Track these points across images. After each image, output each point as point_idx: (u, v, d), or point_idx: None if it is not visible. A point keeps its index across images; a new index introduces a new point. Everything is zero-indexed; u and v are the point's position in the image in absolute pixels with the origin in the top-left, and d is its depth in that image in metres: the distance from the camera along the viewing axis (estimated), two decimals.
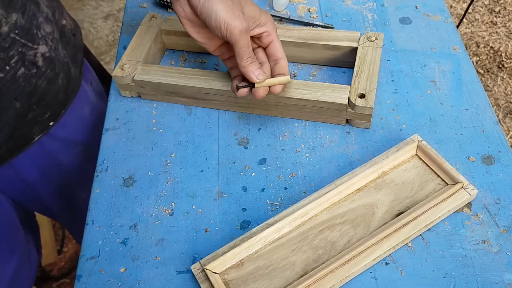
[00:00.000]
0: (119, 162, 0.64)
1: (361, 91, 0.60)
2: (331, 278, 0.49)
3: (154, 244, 0.56)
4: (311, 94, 0.61)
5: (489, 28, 1.91)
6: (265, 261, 0.53)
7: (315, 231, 0.54)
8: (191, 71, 0.66)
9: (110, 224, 0.58)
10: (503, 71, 1.78)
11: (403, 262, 0.52)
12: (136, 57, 0.69)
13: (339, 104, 0.60)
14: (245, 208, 0.58)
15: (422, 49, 0.71)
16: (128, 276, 0.54)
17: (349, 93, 0.60)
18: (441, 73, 0.68)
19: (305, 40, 0.68)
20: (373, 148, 0.61)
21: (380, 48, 0.65)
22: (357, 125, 0.63)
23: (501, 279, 0.49)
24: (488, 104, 0.64)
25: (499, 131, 0.61)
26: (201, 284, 0.51)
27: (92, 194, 0.61)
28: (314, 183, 0.59)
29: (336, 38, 0.67)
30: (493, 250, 0.51)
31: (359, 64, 0.64)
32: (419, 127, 0.62)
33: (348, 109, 0.61)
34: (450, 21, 0.75)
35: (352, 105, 0.60)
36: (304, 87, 0.62)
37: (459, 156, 0.59)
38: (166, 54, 0.76)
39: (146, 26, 0.73)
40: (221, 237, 0.56)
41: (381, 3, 0.79)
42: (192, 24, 0.58)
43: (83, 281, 0.54)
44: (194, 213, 0.58)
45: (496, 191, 0.56)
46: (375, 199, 0.56)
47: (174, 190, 0.60)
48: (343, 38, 0.67)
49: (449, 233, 0.53)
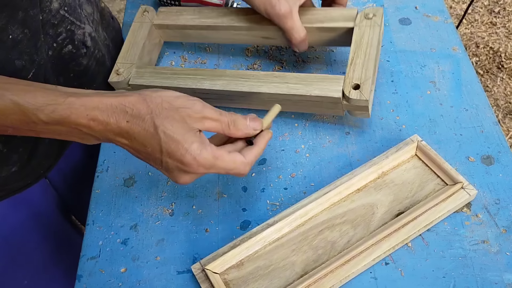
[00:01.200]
0: (119, 162, 0.64)
1: (355, 81, 0.56)
2: (331, 278, 0.49)
3: (155, 244, 0.56)
4: (304, 89, 0.58)
5: (488, 29, 1.91)
6: (265, 261, 0.53)
7: (315, 231, 0.54)
8: (184, 71, 0.65)
9: (111, 224, 0.58)
10: (502, 71, 1.78)
11: (403, 262, 0.52)
12: (131, 58, 0.67)
13: (333, 98, 0.57)
14: (245, 208, 0.58)
15: (421, 50, 0.71)
16: (129, 276, 0.54)
17: (343, 84, 0.57)
18: (440, 74, 0.68)
19: None
20: (373, 149, 0.61)
21: (379, 27, 0.60)
22: (356, 115, 0.60)
23: (501, 279, 0.50)
24: (487, 104, 0.64)
25: (499, 131, 0.61)
26: (201, 284, 0.51)
27: (93, 194, 0.61)
28: (314, 183, 0.59)
29: (332, 18, 0.62)
30: (492, 250, 0.52)
31: (354, 49, 0.59)
32: (418, 128, 0.63)
33: (343, 102, 0.57)
34: (449, 21, 0.75)
35: (347, 97, 0.56)
36: (296, 80, 0.59)
37: (459, 156, 0.59)
38: (167, 55, 0.76)
39: (139, 22, 0.70)
40: (221, 237, 0.56)
41: (381, 4, 0.79)
42: None
43: (84, 281, 0.54)
44: (194, 213, 0.58)
45: (495, 191, 0.56)
46: (375, 199, 0.56)
47: (174, 190, 0.61)
48: (338, 18, 0.62)
49: (448, 233, 0.53)
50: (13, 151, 0.57)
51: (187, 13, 0.70)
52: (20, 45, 0.52)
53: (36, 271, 0.73)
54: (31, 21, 0.52)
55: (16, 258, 0.69)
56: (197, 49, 0.76)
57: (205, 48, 0.76)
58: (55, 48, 0.58)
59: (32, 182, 0.63)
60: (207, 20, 0.68)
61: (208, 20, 0.68)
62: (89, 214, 0.59)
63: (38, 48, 0.55)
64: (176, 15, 0.70)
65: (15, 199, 0.63)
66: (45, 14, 0.55)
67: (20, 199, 0.64)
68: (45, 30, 0.55)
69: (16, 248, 0.68)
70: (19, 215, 0.67)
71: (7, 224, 0.66)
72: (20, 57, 0.52)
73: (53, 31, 0.57)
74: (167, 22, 0.70)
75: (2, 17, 0.49)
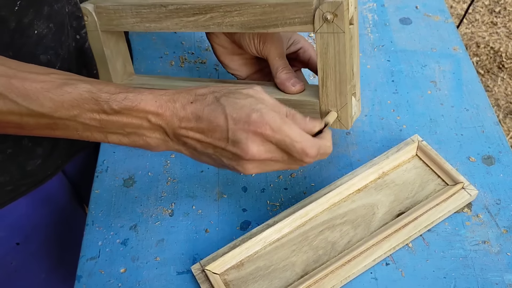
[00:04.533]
0: (119, 162, 0.64)
1: (331, 108, 0.49)
2: (331, 279, 0.49)
3: (154, 245, 0.56)
4: None
5: (489, 29, 1.91)
6: (265, 261, 0.53)
7: (315, 232, 0.54)
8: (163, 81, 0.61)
9: (110, 225, 0.58)
10: (503, 71, 1.78)
11: (404, 262, 0.52)
12: (108, 76, 0.62)
13: None
14: (245, 209, 0.58)
15: (422, 50, 0.71)
16: (128, 277, 0.54)
17: (319, 111, 0.51)
18: (441, 74, 0.68)
19: (251, 29, 0.51)
20: (374, 149, 0.61)
21: (344, 34, 0.44)
22: None
23: (502, 279, 0.49)
24: (488, 104, 0.64)
25: (499, 131, 0.61)
26: (201, 284, 0.51)
27: (92, 194, 0.61)
28: (314, 183, 0.59)
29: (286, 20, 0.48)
30: (493, 251, 0.51)
31: (322, 66, 0.48)
32: (419, 128, 0.62)
33: None
34: (450, 21, 0.75)
35: None
36: None
37: (460, 156, 0.59)
38: (166, 55, 0.76)
39: (90, 31, 0.60)
40: (221, 237, 0.56)
41: (381, 3, 0.79)
42: (226, 51, 0.59)
43: (83, 281, 0.54)
44: (194, 213, 0.58)
45: (496, 191, 0.56)
46: (376, 200, 0.56)
47: (174, 190, 0.60)
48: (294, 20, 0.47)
49: (449, 233, 0.53)
50: (37, 144, 0.58)
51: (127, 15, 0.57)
52: (45, 40, 0.52)
53: (54, 265, 0.74)
54: (55, 15, 0.53)
55: (35, 253, 0.70)
56: (197, 49, 0.76)
57: (205, 48, 0.76)
58: (78, 40, 0.58)
59: (52, 173, 0.64)
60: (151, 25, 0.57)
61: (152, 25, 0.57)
62: (88, 215, 0.59)
63: (63, 42, 0.55)
64: (117, 17, 0.58)
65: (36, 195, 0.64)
66: (70, 6, 0.56)
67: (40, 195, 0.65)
68: (70, 22, 0.56)
69: (36, 243, 0.69)
70: (41, 211, 0.68)
71: (30, 222, 0.67)
72: (45, 51, 0.53)
73: (77, 23, 0.57)
74: (112, 29, 0.59)
75: (30, 13, 0.49)
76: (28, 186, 0.61)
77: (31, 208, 0.66)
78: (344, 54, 0.46)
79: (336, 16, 0.44)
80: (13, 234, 0.66)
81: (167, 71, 0.74)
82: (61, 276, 0.76)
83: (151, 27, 0.57)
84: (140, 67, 0.75)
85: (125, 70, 0.64)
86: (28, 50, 0.51)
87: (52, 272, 0.74)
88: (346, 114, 0.49)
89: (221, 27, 0.53)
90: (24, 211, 0.65)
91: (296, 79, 0.54)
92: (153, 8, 0.55)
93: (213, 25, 0.53)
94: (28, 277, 0.70)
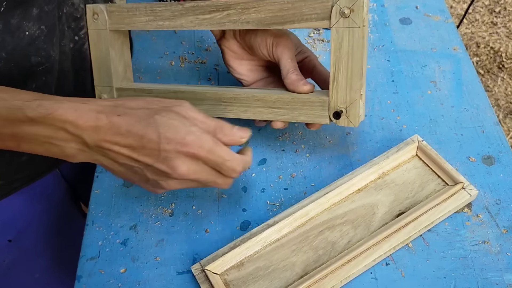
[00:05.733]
0: None
1: (340, 104, 0.50)
2: (331, 279, 0.49)
3: (154, 245, 0.56)
4: (289, 115, 0.54)
5: (489, 29, 1.91)
6: (265, 261, 0.53)
7: (316, 232, 0.54)
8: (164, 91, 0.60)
9: (110, 225, 0.58)
10: (503, 71, 1.78)
11: (404, 262, 0.52)
12: (107, 79, 0.61)
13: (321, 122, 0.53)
14: (245, 209, 0.58)
15: (422, 50, 0.71)
16: (128, 277, 0.54)
17: (328, 108, 0.51)
18: (441, 74, 0.68)
19: (267, 26, 0.52)
20: (374, 149, 0.61)
21: (360, 28, 0.47)
22: None
23: (502, 279, 0.49)
24: (488, 104, 0.64)
25: (500, 131, 0.61)
26: (201, 284, 0.51)
27: (92, 194, 0.61)
28: (314, 183, 0.59)
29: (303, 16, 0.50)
30: (493, 251, 0.51)
31: (334, 62, 0.49)
32: (419, 128, 0.62)
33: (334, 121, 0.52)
34: (450, 21, 0.75)
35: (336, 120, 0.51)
36: (280, 104, 0.54)
37: (460, 156, 0.59)
38: (166, 55, 0.76)
39: (94, 30, 0.61)
40: (221, 237, 0.56)
41: (381, 3, 0.79)
42: (235, 56, 0.60)
43: (83, 281, 0.54)
44: (194, 213, 0.58)
45: (496, 191, 0.56)
46: (376, 200, 0.56)
47: (174, 190, 0.60)
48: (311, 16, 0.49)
49: (449, 233, 0.53)
50: None
51: (140, 13, 0.58)
52: (37, 42, 0.52)
53: (50, 264, 0.74)
54: (46, 17, 0.53)
55: (28, 251, 0.69)
56: (197, 49, 0.76)
57: (205, 48, 0.76)
58: (77, 41, 0.59)
59: (45, 170, 0.64)
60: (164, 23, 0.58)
61: (165, 23, 0.58)
62: (88, 215, 0.59)
63: (54, 44, 0.55)
64: (129, 16, 0.59)
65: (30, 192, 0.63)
66: (68, 7, 0.56)
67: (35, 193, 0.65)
68: (68, 23, 0.56)
69: (30, 240, 0.69)
70: (35, 208, 0.68)
71: (23, 219, 0.66)
72: (37, 53, 0.53)
73: (75, 24, 0.58)
74: (122, 27, 0.60)
75: (16, 14, 0.49)
76: (21, 182, 0.61)
77: (25, 205, 0.66)
78: (357, 48, 0.48)
79: (352, 11, 0.46)
80: (4, 231, 0.65)
81: (167, 71, 0.74)
82: (58, 276, 0.76)
83: (164, 25, 0.57)
84: (140, 67, 0.75)
85: (125, 76, 0.64)
86: (20, 51, 0.51)
87: (48, 271, 0.74)
88: (355, 110, 0.50)
89: (237, 24, 0.54)
90: (18, 208, 0.65)
91: (306, 81, 0.55)
92: (169, 6, 0.56)
93: (229, 23, 0.54)
94: (22, 275, 0.70)
